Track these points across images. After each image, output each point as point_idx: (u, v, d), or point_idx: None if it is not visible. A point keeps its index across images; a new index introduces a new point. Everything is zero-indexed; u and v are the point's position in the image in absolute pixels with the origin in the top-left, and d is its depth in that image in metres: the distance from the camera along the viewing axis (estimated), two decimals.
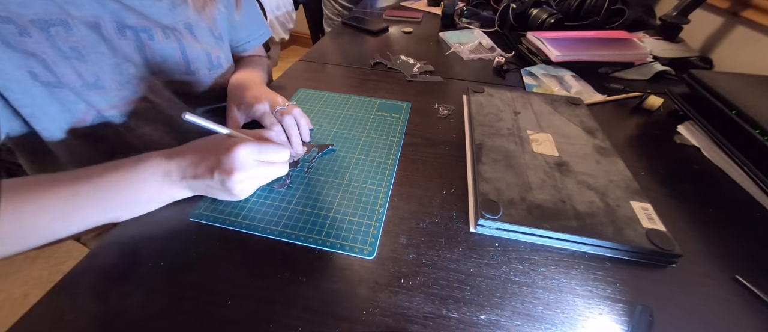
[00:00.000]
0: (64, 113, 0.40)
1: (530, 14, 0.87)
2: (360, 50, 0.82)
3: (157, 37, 0.45)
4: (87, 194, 0.32)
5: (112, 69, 0.42)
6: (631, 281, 0.32)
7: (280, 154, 0.37)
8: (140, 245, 0.34)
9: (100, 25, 0.40)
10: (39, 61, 0.36)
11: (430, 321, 0.29)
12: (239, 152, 0.33)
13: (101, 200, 0.33)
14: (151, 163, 0.34)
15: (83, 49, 0.38)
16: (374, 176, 0.43)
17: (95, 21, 0.39)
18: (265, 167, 0.36)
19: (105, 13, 0.40)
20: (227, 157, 0.33)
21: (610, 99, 0.62)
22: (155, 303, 0.29)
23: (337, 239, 0.35)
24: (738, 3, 0.73)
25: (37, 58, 0.35)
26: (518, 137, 0.47)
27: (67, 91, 0.38)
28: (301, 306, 0.29)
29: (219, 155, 0.34)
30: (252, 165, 0.35)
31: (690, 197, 0.42)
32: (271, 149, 0.36)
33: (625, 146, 0.51)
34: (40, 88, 0.37)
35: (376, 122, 0.53)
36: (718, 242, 0.37)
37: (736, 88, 0.49)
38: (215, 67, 0.54)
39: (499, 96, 0.57)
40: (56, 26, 0.36)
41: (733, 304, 0.31)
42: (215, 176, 0.33)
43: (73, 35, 0.37)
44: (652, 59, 0.72)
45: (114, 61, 0.42)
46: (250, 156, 0.34)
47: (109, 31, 0.41)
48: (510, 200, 0.37)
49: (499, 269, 0.33)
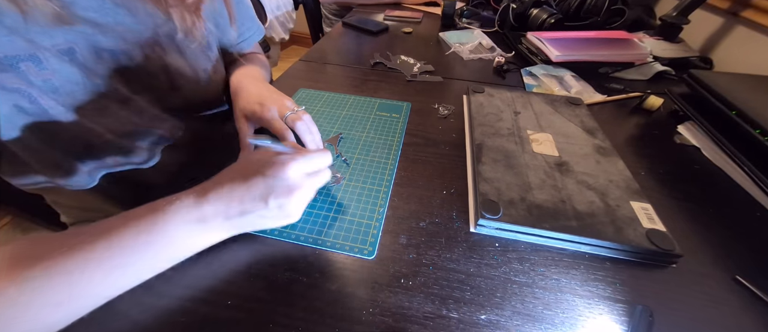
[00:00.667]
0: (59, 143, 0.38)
1: (530, 14, 0.87)
2: (360, 50, 0.82)
3: (136, 57, 0.41)
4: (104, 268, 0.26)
5: (88, 98, 0.38)
6: (631, 281, 0.32)
7: (325, 159, 0.35)
8: None
9: (75, 50, 0.36)
10: (23, 95, 0.33)
11: (430, 321, 0.29)
12: (291, 170, 0.31)
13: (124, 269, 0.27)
14: (178, 214, 0.29)
15: (57, 81, 0.35)
16: (374, 176, 0.43)
17: (68, 47, 0.35)
18: (314, 178, 0.33)
19: (79, 39, 0.36)
20: (280, 179, 0.30)
21: (610, 99, 0.62)
22: (155, 303, 0.29)
23: (337, 240, 0.35)
24: (738, 3, 0.73)
25: (21, 92, 0.33)
26: (518, 137, 0.47)
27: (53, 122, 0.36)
28: (301, 306, 0.29)
29: (267, 179, 0.30)
30: (304, 180, 0.32)
31: (690, 197, 0.42)
32: (317, 158, 0.34)
33: (625, 146, 0.51)
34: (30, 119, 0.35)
35: (376, 122, 0.53)
36: (718, 243, 0.37)
37: (736, 88, 0.49)
38: (203, 80, 0.50)
39: (499, 96, 0.57)
40: (26, 61, 0.33)
41: (733, 304, 0.31)
42: (271, 203, 0.30)
43: (45, 69, 0.34)
44: (652, 59, 0.72)
45: (90, 89, 0.38)
46: (302, 171, 0.32)
47: (84, 56, 0.37)
48: (510, 200, 0.37)
49: (499, 269, 0.33)
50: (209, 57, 0.51)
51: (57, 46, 0.35)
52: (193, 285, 0.31)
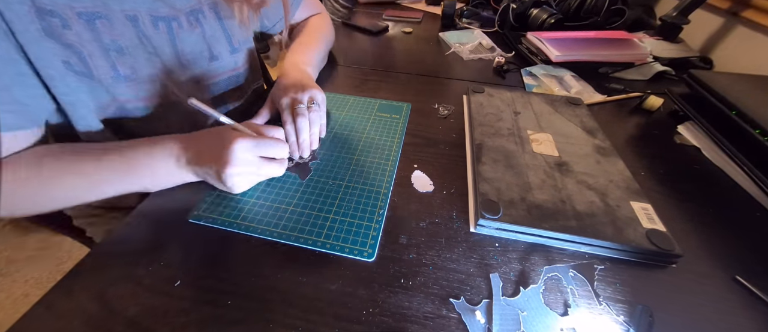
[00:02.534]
0: (91, 102, 0.41)
1: (530, 14, 0.87)
2: (360, 50, 0.82)
3: (184, 25, 0.46)
4: (109, 167, 0.37)
5: (144, 61, 0.43)
6: (631, 281, 0.32)
7: (279, 151, 0.39)
8: (140, 246, 0.34)
9: (138, 18, 0.41)
10: (74, 52, 0.37)
11: (430, 321, 0.29)
12: (236, 146, 0.35)
13: (121, 174, 0.37)
14: (165, 146, 0.37)
15: (123, 43, 0.40)
16: (374, 177, 0.43)
17: (133, 14, 0.41)
18: (261, 163, 0.37)
19: (141, 6, 0.41)
20: (225, 150, 0.35)
21: (610, 99, 0.62)
22: (155, 303, 0.29)
23: (336, 242, 0.35)
24: (738, 3, 0.73)
25: (73, 50, 0.37)
26: (518, 137, 0.47)
27: (96, 82, 0.39)
28: (301, 307, 0.29)
29: (220, 147, 0.35)
30: (249, 161, 0.36)
31: (690, 197, 0.42)
32: (270, 146, 0.38)
33: (625, 146, 0.51)
34: (73, 76, 0.38)
35: (376, 123, 0.53)
36: (718, 242, 0.37)
37: (736, 88, 0.49)
38: (235, 50, 0.54)
39: (499, 96, 0.57)
40: (102, 19, 0.38)
41: (733, 304, 0.31)
42: (213, 166, 0.35)
43: (114, 29, 0.39)
44: (652, 59, 0.72)
45: (146, 55, 0.43)
46: (248, 152, 0.36)
47: (145, 24, 0.42)
48: (510, 200, 0.37)
49: (499, 269, 0.33)
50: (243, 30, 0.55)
51: (125, 12, 0.40)
52: (192, 285, 0.31)
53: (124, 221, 0.36)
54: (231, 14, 0.52)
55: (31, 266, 1.23)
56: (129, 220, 0.37)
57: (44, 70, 0.35)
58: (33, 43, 0.34)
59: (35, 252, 1.27)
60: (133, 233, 0.35)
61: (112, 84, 0.40)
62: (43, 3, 0.34)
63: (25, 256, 1.26)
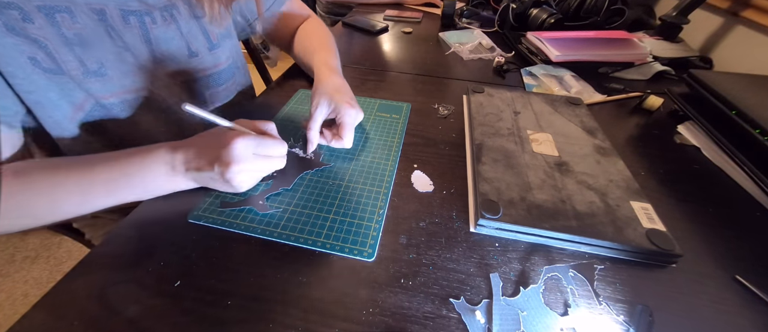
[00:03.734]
0: (62, 100, 0.40)
1: (530, 14, 0.87)
2: (360, 50, 0.82)
3: (158, 20, 0.45)
4: (101, 180, 0.35)
5: (114, 57, 0.42)
6: (631, 281, 0.32)
7: (278, 148, 0.39)
8: (140, 246, 0.34)
9: (105, 11, 0.40)
10: (41, 47, 0.36)
11: (430, 321, 0.29)
12: (237, 145, 0.35)
13: (113, 187, 0.36)
14: (158, 155, 0.36)
15: (87, 36, 0.39)
16: (374, 177, 0.43)
17: (100, 8, 0.40)
18: (262, 160, 0.37)
19: (108, 1, 0.40)
20: (226, 150, 0.34)
21: (610, 99, 0.62)
22: (155, 303, 0.29)
23: (336, 242, 0.35)
24: (738, 3, 0.73)
25: (39, 45, 0.36)
26: (518, 137, 0.47)
27: (67, 78, 0.38)
28: (301, 307, 0.29)
29: (219, 148, 0.35)
30: (250, 158, 0.36)
31: (690, 197, 0.42)
32: (269, 143, 0.38)
33: (625, 146, 0.51)
34: (41, 74, 0.37)
35: (376, 123, 0.53)
36: (718, 243, 0.37)
37: (736, 88, 0.49)
38: (215, 46, 0.53)
39: (499, 96, 0.57)
40: (62, 13, 0.37)
41: (733, 304, 0.31)
42: (215, 168, 0.35)
43: (77, 22, 0.38)
44: (652, 59, 0.72)
45: (116, 50, 0.42)
46: (248, 149, 0.36)
47: (113, 19, 0.41)
48: (510, 200, 0.37)
49: (499, 269, 0.33)
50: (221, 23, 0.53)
51: (89, 5, 0.39)
52: (192, 285, 0.31)
53: (124, 221, 0.36)
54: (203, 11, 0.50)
55: (31, 266, 1.23)
56: (128, 221, 0.37)
57: (5, 68, 0.34)
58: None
59: (35, 251, 1.27)
60: (133, 234, 0.35)
61: (83, 80, 0.39)
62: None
63: (25, 256, 1.26)
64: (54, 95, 0.39)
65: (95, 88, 0.41)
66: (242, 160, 0.35)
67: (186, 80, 0.51)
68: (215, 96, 0.57)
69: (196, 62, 0.51)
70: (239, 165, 0.35)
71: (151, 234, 0.35)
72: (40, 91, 0.37)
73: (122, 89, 0.43)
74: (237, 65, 0.60)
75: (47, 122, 0.40)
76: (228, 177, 0.35)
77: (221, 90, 0.57)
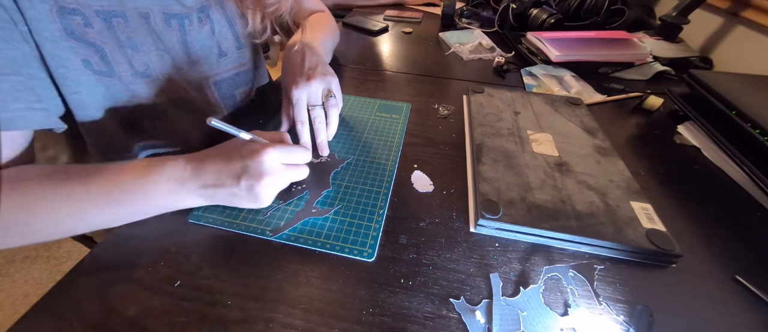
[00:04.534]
0: (108, 100, 0.41)
1: (530, 14, 0.87)
2: (360, 50, 0.82)
3: (194, 22, 0.46)
4: (97, 196, 0.32)
5: (157, 59, 0.43)
6: (631, 281, 0.32)
7: (304, 156, 0.38)
8: (140, 246, 0.34)
9: (149, 15, 0.41)
10: (97, 51, 0.37)
11: (430, 321, 0.29)
12: (267, 156, 0.33)
13: (111, 203, 0.32)
14: (166, 169, 0.33)
15: (137, 39, 0.40)
16: (374, 178, 0.43)
17: (146, 12, 0.41)
18: (289, 170, 0.36)
19: (154, 4, 0.41)
20: (255, 162, 0.33)
21: (610, 99, 0.62)
22: (155, 303, 0.29)
23: (336, 242, 0.35)
24: (738, 3, 0.73)
25: (96, 48, 0.37)
26: (518, 137, 0.47)
27: (116, 80, 0.40)
28: (301, 307, 0.29)
29: (244, 160, 0.33)
30: (279, 169, 0.34)
31: (690, 197, 0.42)
32: (296, 152, 0.37)
33: (625, 146, 0.51)
34: (91, 76, 0.38)
35: (376, 123, 0.53)
36: (718, 243, 0.37)
37: (736, 88, 0.49)
38: (242, 44, 0.54)
39: (499, 96, 0.57)
40: (117, 17, 0.38)
41: (733, 304, 0.31)
42: (242, 183, 0.33)
43: (129, 26, 0.39)
44: (652, 59, 0.72)
45: (158, 52, 0.43)
46: (277, 160, 0.34)
47: (157, 22, 0.42)
48: (510, 200, 0.37)
49: (499, 269, 0.33)
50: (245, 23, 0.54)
51: (138, 9, 0.40)
52: (192, 285, 0.31)
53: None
54: (236, 11, 0.52)
55: (31, 266, 1.23)
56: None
57: (57, 70, 0.35)
58: (49, 42, 0.34)
59: (35, 251, 1.27)
60: (133, 234, 0.35)
61: (131, 81, 0.41)
62: (67, 1, 0.34)
63: (24, 256, 1.26)
64: (98, 95, 0.40)
65: (140, 89, 0.42)
66: (273, 172, 0.33)
67: (217, 81, 0.52)
68: (243, 95, 0.58)
69: (226, 62, 0.52)
70: (270, 177, 0.33)
71: (151, 234, 0.35)
72: (86, 91, 0.38)
73: (159, 89, 0.45)
74: (257, 65, 0.62)
75: (82, 114, 0.41)
76: (257, 191, 0.33)
77: (247, 90, 0.58)
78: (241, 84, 0.57)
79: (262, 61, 0.64)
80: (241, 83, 0.56)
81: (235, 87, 0.56)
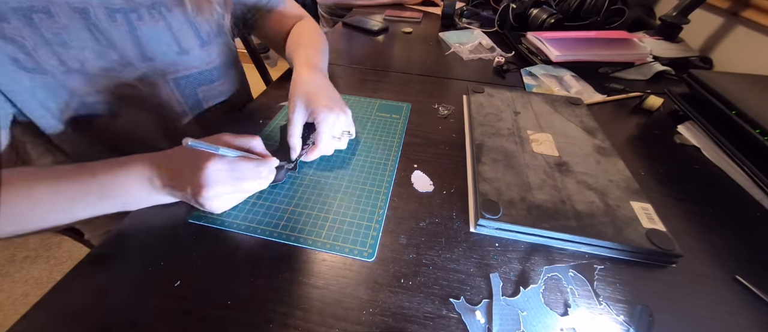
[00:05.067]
0: (49, 100, 0.40)
1: (530, 14, 0.87)
2: (360, 50, 0.82)
3: (145, 17, 0.44)
4: (80, 192, 0.34)
5: (96, 56, 0.41)
6: (631, 281, 0.32)
7: (254, 171, 0.37)
8: (140, 246, 0.34)
9: (89, 10, 0.40)
10: (19, 47, 0.36)
11: (430, 321, 0.29)
12: (208, 169, 0.33)
13: (92, 198, 0.35)
14: (136, 168, 0.35)
15: (67, 35, 0.38)
16: (374, 178, 0.43)
17: (83, 6, 0.39)
18: (239, 182, 0.36)
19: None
20: (197, 174, 0.33)
21: (610, 99, 0.62)
22: (155, 303, 0.29)
23: (336, 242, 0.35)
24: (738, 3, 0.73)
25: (17, 44, 0.35)
26: (518, 137, 0.47)
27: (49, 77, 0.38)
28: (301, 307, 0.29)
29: (192, 170, 0.34)
30: (224, 181, 0.35)
31: (690, 197, 0.42)
32: (244, 167, 0.36)
33: (625, 146, 0.51)
34: (24, 74, 0.37)
35: (376, 123, 0.53)
36: (718, 242, 0.37)
37: (736, 88, 0.49)
38: (206, 43, 0.52)
39: (499, 96, 0.57)
40: (39, 13, 0.36)
41: (733, 304, 0.31)
42: (188, 190, 0.34)
43: (56, 22, 0.37)
44: (652, 59, 0.72)
45: (99, 49, 0.41)
46: (221, 174, 0.34)
47: (99, 17, 0.40)
48: (510, 200, 0.37)
49: (499, 269, 0.33)
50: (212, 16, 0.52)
51: (71, 4, 0.38)
52: (192, 285, 0.31)
53: (124, 222, 0.36)
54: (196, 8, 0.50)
55: (31, 266, 1.23)
56: (128, 221, 0.37)
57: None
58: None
59: (35, 251, 1.27)
60: (132, 234, 0.35)
61: (64, 79, 0.39)
62: None
63: (24, 256, 1.26)
64: (40, 94, 0.39)
65: (77, 86, 0.41)
66: (216, 184, 0.34)
67: (176, 78, 0.50)
68: (208, 94, 0.57)
69: (187, 60, 0.51)
70: (212, 190, 0.34)
71: (151, 234, 0.35)
72: (25, 91, 0.37)
73: (103, 86, 0.43)
74: (230, 63, 0.60)
75: (39, 121, 0.40)
76: (201, 201, 0.34)
77: (214, 87, 0.57)
78: (206, 82, 0.55)
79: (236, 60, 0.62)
80: (205, 80, 0.55)
81: (197, 85, 0.54)
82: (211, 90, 0.56)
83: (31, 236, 0.35)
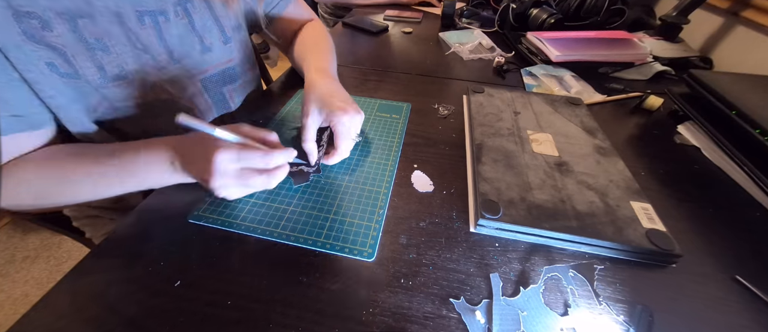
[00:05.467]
0: (79, 103, 0.40)
1: (530, 14, 0.87)
2: (360, 50, 0.82)
3: (170, 17, 0.45)
4: (110, 171, 0.37)
5: (133, 60, 0.42)
6: (631, 281, 0.32)
7: (263, 162, 0.36)
8: (140, 246, 0.34)
9: (123, 14, 0.40)
10: (59, 54, 0.36)
11: (430, 321, 0.29)
12: (217, 158, 0.33)
13: (123, 177, 0.38)
14: (159, 152, 0.37)
15: (108, 41, 0.39)
16: (374, 178, 0.43)
17: (117, 10, 0.40)
18: (247, 175, 0.35)
19: (125, 3, 0.40)
20: (207, 162, 0.34)
21: (610, 99, 0.62)
22: (155, 303, 0.29)
23: (336, 242, 0.35)
24: (738, 3, 0.73)
25: (58, 52, 0.36)
26: (518, 137, 0.47)
27: (84, 82, 0.39)
28: (301, 307, 0.29)
29: (204, 157, 0.34)
30: (232, 172, 0.34)
31: (690, 197, 0.42)
32: (253, 158, 0.35)
33: (625, 146, 0.51)
34: (58, 78, 0.37)
35: (376, 123, 0.53)
36: (718, 242, 0.37)
37: (736, 88, 0.49)
38: (229, 39, 0.53)
39: (499, 96, 0.57)
40: (84, 18, 0.37)
41: (733, 304, 0.31)
42: (200, 176, 0.35)
43: (98, 27, 0.38)
44: (652, 59, 0.72)
45: (135, 53, 0.42)
46: (230, 163, 0.34)
47: (130, 20, 0.41)
48: (510, 200, 0.37)
49: (499, 269, 0.33)
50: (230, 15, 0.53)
51: (108, 8, 0.39)
52: (192, 285, 0.31)
53: (124, 221, 0.37)
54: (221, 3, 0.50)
55: (31, 266, 1.23)
56: (128, 220, 0.37)
57: (27, 74, 0.35)
58: (14, 48, 0.33)
59: (35, 251, 1.27)
60: (132, 234, 0.35)
61: (100, 84, 0.40)
62: (19, 4, 0.33)
63: (25, 256, 1.26)
64: (72, 97, 0.39)
65: (111, 92, 0.41)
66: (225, 174, 0.34)
67: (204, 79, 0.51)
68: (233, 93, 0.57)
69: (210, 58, 0.51)
70: (220, 179, 0.34)
71: (151, 234, 0.35)
72: (60, 95, 0.38)
73: (137, 91, 0.43)
74: (249, 60, 0.60)
75: (71, 124, 0.41)
76: (211, 188, 0.35)
77: (238, 86, 0.57)
78: (229, 81, 0.55)
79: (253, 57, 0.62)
80: (228, 79, 0.55)
81: (222, 84, 0.54)
82: (235, 89, 0.57)
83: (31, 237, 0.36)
